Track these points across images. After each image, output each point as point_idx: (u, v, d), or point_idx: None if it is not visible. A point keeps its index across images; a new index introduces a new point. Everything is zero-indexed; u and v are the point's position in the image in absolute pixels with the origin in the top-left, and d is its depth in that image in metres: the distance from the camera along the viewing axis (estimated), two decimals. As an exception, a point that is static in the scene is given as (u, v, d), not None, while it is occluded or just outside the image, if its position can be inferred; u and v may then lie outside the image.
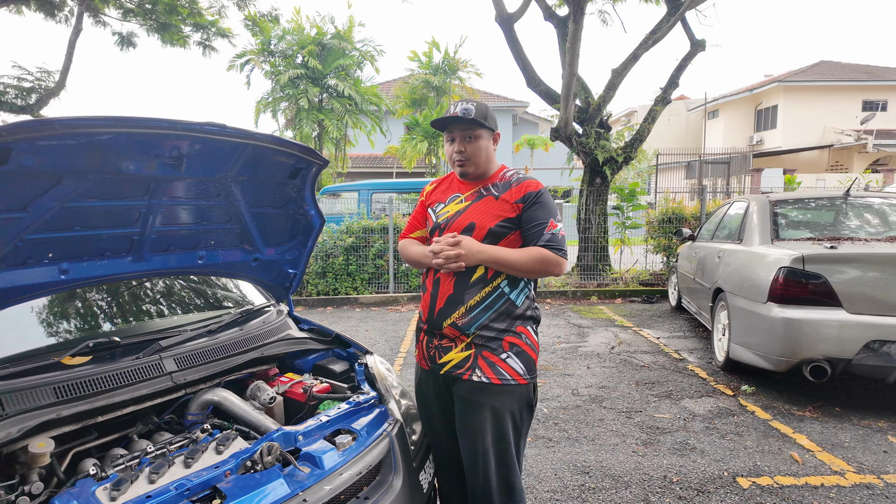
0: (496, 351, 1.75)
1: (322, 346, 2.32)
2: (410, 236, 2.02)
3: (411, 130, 18.34)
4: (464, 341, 1.77)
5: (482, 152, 1.82)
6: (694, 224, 8.31)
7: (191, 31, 12.12)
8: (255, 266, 2.31)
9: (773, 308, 3.64)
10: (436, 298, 1.81)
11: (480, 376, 1.74)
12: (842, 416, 3.52)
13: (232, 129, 1.68)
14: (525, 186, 1.79)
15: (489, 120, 1.82)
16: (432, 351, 1.85)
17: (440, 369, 1.82)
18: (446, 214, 1.86)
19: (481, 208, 1.80)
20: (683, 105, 28.82)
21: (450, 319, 1.77)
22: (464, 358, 1.77)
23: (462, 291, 1.76)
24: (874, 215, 4.34)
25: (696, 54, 8.84)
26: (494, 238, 1.76)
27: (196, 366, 1.89)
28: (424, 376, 1.92)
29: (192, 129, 1.58)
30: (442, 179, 2.01)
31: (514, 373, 1.75)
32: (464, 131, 1.80)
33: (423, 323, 1.89)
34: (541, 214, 1.75)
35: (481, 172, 1.85)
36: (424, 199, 2.00)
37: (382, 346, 5.52)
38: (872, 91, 23.32)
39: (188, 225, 1.99)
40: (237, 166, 1.87)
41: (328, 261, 8.42)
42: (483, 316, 1.75)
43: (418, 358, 1.95)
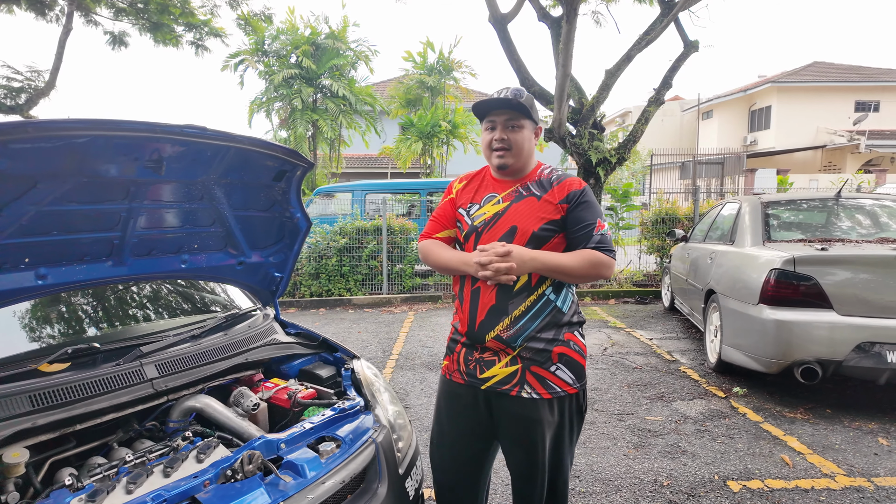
0: (545, 364, 1.65)
1: (308, 350, 2.29)
2: (435, 236, 1.83)
3: (406, 131, 18.31)
4: (509, 354, 1.66)
5: (525, 144, 1.69)
6: (687, 225, 8.32)
7: (183, 31, 12.05)
8: (240, 270, 2.29)
9: (765, 310, 3.63)
10: (475, 310, 1.68)
11: (530, 392, 1.65)
12: (833, 417, 3.52)
13: (213, 132, 1.65)
14: (568, 185, 1.68)
15: (534, 112, 1.71)
16: (472, 365, 1.72)
17: (481, 384, 1.70)
18: (483, 217, 1.72)
19: (523, 210, 1.67)
20: (678, 105, 28.91)
21: (493, 332, 1.65)
22: (510, 374, 1.66)
23: (506, 301, 1.64)
24: (865, 216, 4.34)
25: (689, 55, 8.85)
26: (538, 242, 1.63)
27: (178, 372, 1.86)
28: (458, 390, 1.77)
29: (171, 131, 1.56)
30: (472, 176, 1.84)
31: (563, 384, 1.66)
32: (508, 119, 1.67)
33: (461, 336, 1.75)
34: (588, 215, 1.64)
35: (520, 167, 1.72)
36: (454, 196, 1.83)
37: (374, 348, 5.50)
38: (865, 92, 23.45)
39: (171, 228, 1.96)
40: (220, 169, 1.84)
41: (321, 262, 8.39)
42: (530, 326, 1.64)
43: (449, 370, 1.80)
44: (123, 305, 2.16)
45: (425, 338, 5.88)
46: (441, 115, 17.69)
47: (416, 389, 4.20)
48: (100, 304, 2.08)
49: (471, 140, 18.41)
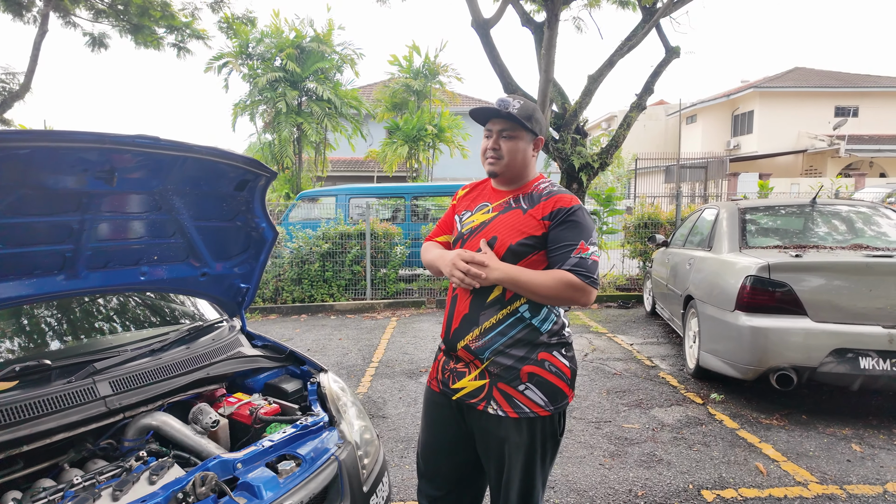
0: (512, 382, 1.60)
1: (274, 363, 2.24)
2: (436, 240, 1.88)
3: (392, 134, 18.24)
4: (478, 367, 1.64)
5: (518, 154, 1.65)
6: (669, 229, 8.36)
7: (164, 33, 11.92)
8: (203, 281, 2.23)
9: (741, 316, 3.64)
10: (452, 316, 1.69)
11: (496, 409, 1.61)
12: (808, 423, 3.53)
13: (166, 142, 1.60)
14: (555, 201, 1.60)
15: (534, 122, 1.65)
16: (447, 374, 1.72)
17: (453, 394, 1.69)
18: (471, 224, 1.73)
19: (506, 222, 1.64)
20: (663, 110, 29.17)
21: (464, 341, 1.64)
22: (478, 387, 1.64)
23: (478, 312, 1.62)
24: (840, 223, 4.39)
25: (670, 61, 8.92)
26: (514, 257, 1.59)
27: (134, 388, 1.80)
28: (436, 398, 1.77)
29: (121, 142, 1.51)
30: (476, 184, 1.86)
31: (532, 405, 1.59)
32: (503, 129, 1.65)
33: (442, 342, 1.77)
34: (570, 234, 1.56)
35: (513, 176, 1.69)
36: (456, 203, 1.86)
37: (355, 355, 5.44)
38: (844, 97, 23.84)
39: (128, 240, 1.90)
40: (177, 179, 1.79)
41: (304, 267, 8.30)
42: (498, 341, 1.60)
43: (430, 377, 1.81)
44: (81, 319, 2.09)
45: (407, 344, 5.83)
46: (427, 118, 17.66)
47: (394, 398, 4.15)
48: (55, 318, 2.02)
49: (457, 144, 18.39)
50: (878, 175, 21.94)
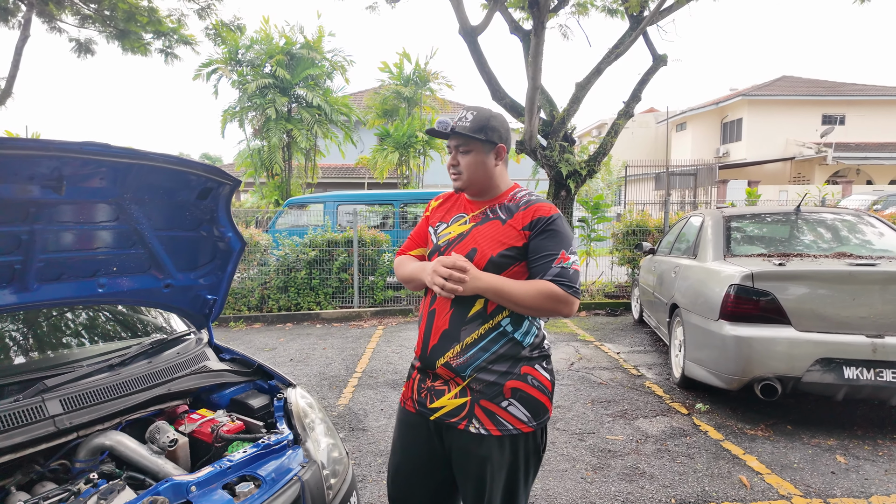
0: (495, 399, 1.54)
1: (241, 378, 2.17)
2: (410, 253, 1.81)
3: (383, 141, 18.21)
4: (459, 384, 1.57)
5: (478, 167, 1.61)
6: (657, 236, 8.35)
7: (152, 39, 11.83)
8: (167, 293, 2.15)
9: (725, 325, 3.60)
10: (430, 333, 1.62)
11: (478, 427, 1.54)
12: (793, 434, 3.49)
13: (118, 149, 1.53)
14: (534, 210, 1.57)
15: (489, 131, 1.59)
16: (423, 393, 1.64)
17: (430, 414, 1.61)
18: (448, 236, 1.67)
19: (485, 233, 1.60)
20: (653, 118, 29.37)
21: (443, 359, 1.57)
22: (459, 405, 1.56)
23: (458, 328, 1.56)
24: (825, 230, 4.37)
25: (657, 69, 8.94)
26: (496, 269, 1.55)
27: (87, 406, 1.72)
28: (410, 419, 1.69)
29: (67, 149, 1.44)
30: (449, 195, 1.81)
31: (516, 421, 1.54)
32: (457, 144, 1.62)
33: (416, 360, 1.69)
34: (550, 244, 1.53)
35: (481, 189, 1.65)
36: (429, 214, 1.80)
37: (338, 365, 5.35)
38: (831, 105, 24.11)
39: (83, 251, 1.83)
40: (134, 188, 1.72)
41: (290, 275, 8.21)
42: (481, 356, 1.54)
43: (404, 397, 1.72)
44: (33, 334, 2.01)
45: (391, 354, 5.75)
46: (417, 125, 17.65)
47: (375, 410, 4.07)
48: (4, 333, 1.93)
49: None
50: (865, 182, 22.16)
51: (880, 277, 3.37)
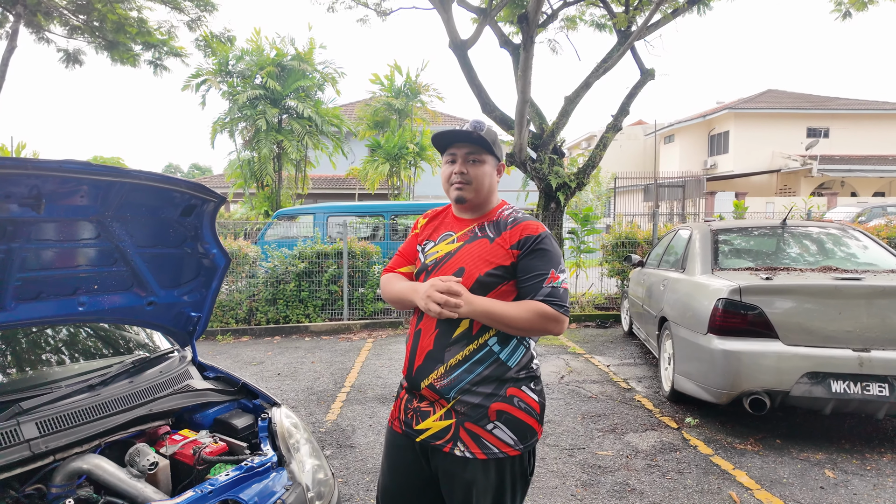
0: (480, 421, 1.51)
1: (225, 397, 2.13)
2: (397, 271, 1.76)
3: (373, 152, 18.23)
4: (444, 406, 1.54)
5: (486, 179, 1.60)
6: (646, 249, 8.39)
7: (141, 50, 11.81)
8: (150, 310, 2.12)
9: (713, 340, 3.61)
10: (415, 353, 1.59)
11: (463, 451, 1.51)
12: (782, 448, 3.49)
13: (98, 167, 1.51)
14: (522, 229, 1.55)
15: (497, 147, 1.62)
16: (410, 413, 1.61)
17: (416, 436, 1.58)
18: (435, 255, 1.64)
19: (472, 252, 1.57)
20: (641, 130, 29.69)
21: (427, 380, 1.55)
22: (444, 428, 1.54)
23: (443, 349, 1.53)
24: (810, 244, 4.41)
25: (645, 83, 9.05)
26: (483, 289, 1.52)
27: (65, 429, 1.68)
28: (398, 440, 1.66)
29: (46, 167, 1.41)
30: (437, 212, 1.78)
31: (501, 444, 1.51)
32: (469, 152, 1.59)
33: (404, 379, 1.66)
34: (540, 264, 1.52)
35: (480, 203, 1.63)
36: (418, 232, 1.77)
37: (326, 379, 5.29)
38: (816, 119, 24.51)
39: (63, 269, 1.79)
40: (114, 205, 1.69)
41: (279, 287, 8.14)
42: (465, 378, 1.51)
43: (392, 417, 1.70)
44: (10, 354, 1.96)
45: (381, 367, 5.70)
46: (408, 136, 17.70)
47: (364, 426, 4.02)
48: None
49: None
50: (850, 194, 22.50)
51: (865, 291, 3.39)
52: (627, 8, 8.97)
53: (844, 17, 9.88)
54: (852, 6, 9.54)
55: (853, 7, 9.56)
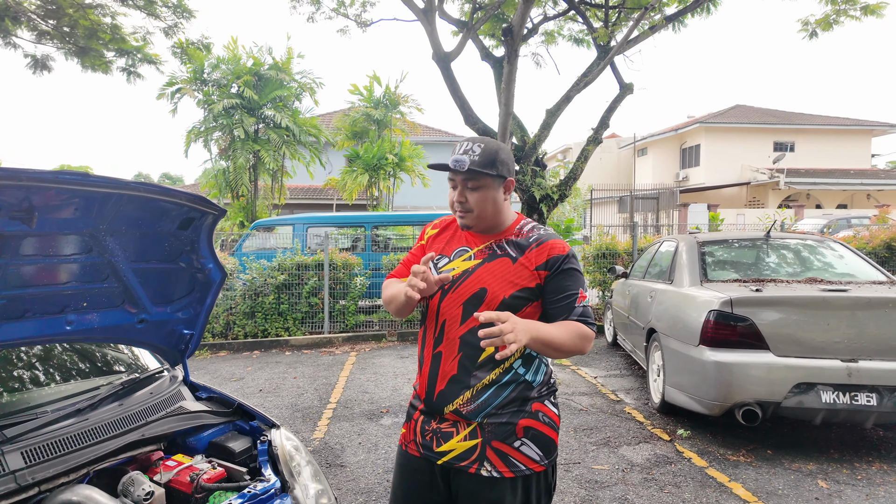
0: (508, 439, 1.48)
1: (220, 419, 2.03)
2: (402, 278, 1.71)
3: (352, 163, 18.10)
4: (469, 426, 1.50)
5: (488, 204, 1.52)
6: (627, 260, 8.48)
7: (114, 57, 11.51)
8: (141, 328, 2.01)
9: (706, 351, 3.63)
10: (435, 377, 1.53)
11: (490, 470, 1.47)
12: (774, 459, 3.52)
13: (97, 178, 1.42)
14: (548, 249, 1.50)
15: (499, 165, 1.50)
16: (428, 436, 1.55)
17: (438, 458, 1.52)
18: (452, 273, 1.55)
19: (494, 271, 1.51)
20: (615, 143, 30.25)
21: (452, 406, 1.49)
22: (469, 448, 1.49)
23: (468, 373, 1.48)
24: (793, 256, 4.50)
25: (624, 97, 9.20)
26: (508, 310, 1.44)
27: (53, 458, 1.57)
28: (414, 464, 1.59)
29: (41, 178, 1.32)
30: (447, 224, 1.69)
31: (528, 461, 1.48)
32: (466, 178, 1.51)
33: (420, 401, 1.60)
34: (570, 284, 1.49)
35: (489, 225, 1.57)
36: (425, 243, 1.70)
37: (311, 395, 5.16)
38: (782, 133, 25.36)
39: (51, 286, 1.68)
40: (110, 218, 1.60)
41: (258, 300, 7.95)
42: (493, 401, 1.48)
43: (405, 440, 1.63)
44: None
45: (367, 382, 5.59)
46: (388, 147, 17.64)
47: (353, 444, 3.91)
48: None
49: (417, 173, 18.42)
50: (815, 206, 23.26)
51: (852, 303, 3.46)
52: (607, 23, 9.13)
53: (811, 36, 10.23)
54: (818, 26, 9.89)
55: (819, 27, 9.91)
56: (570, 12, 9.67)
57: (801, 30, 10.04)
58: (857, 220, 15.60)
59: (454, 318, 1.53)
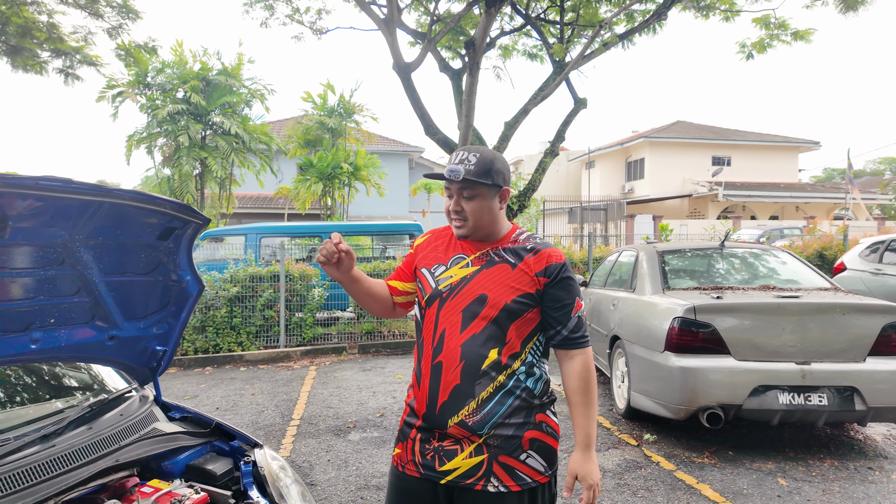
0: (514, 452, 1.46)
1: (197, 440, 1.91)
2: (388, 283, 1.72)
3: (305, 171, 17.75)
4: (474, 442, 1.46)
5: (483, 213, 1.53)
6: (583, 268, 8.71)
7: (49, 57, 10.86)
8: (111, 346, 1.87)
9: (671, 357, 3.75)
10: (437, 389, 1.48)
11: (497, 486, 1.45)
12: (735, 460, 3.66)
13: (80, 185, 1.32)
14: (546, 257, 1.52)
15: (494, 174, 1.52)
16: (429, 455, 1.50)
17: (441, 478, 1.48)
18: (449, 280, 1.55)
19: (494, 277, 1.52)
20: (564, 156, 31.11)
21: (457, 417, 1.46)
22: (475, 465, 1.46)
23: (472, 382, 1.46)
24: (746, 264, 4.74)
25: (578, 111, 9.50)
26: (511, 316, 1.48)
27: (18, 491, 1.43)
28: (413, 486, 1.54)
29: (19, 185, 1.21)
30: (439, 233, 1.70)
31: (534, 473, 1.48)
32: (461, 188, 1.52)
33: (417, 418, 1.55)
34: (566, 294, 1.52)
35: (485, 234, 1.57)
36: (414, 252, 1.70)
37: (272, 412, 4.97)
38: (719, 148, 26.86)
39: (16, 302, 1.54)
40: (88, 228, 1.48)
41: (208, 313, 7.62)
42: (499, 410, 1.46)
43: (401, 460, 1.57)
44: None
45: (330, 397, 5.45)
46: (342, 156, 17.42)
47: (322, 461, 3.79)
48: None
49: (373, 183, 18.27)
50: (750, 217, 24.69)
51: (805, 308, 3.67)
52: (562, 39, 9.43)
53: (748, 58, 10.92)
54: (754, 49, 10.56)
55: (755, 50, 10.59)
56: (526, 27, 9.91)
57: (739, 51, 10.68)
58: (789, 230, 16.69)
59: (454, 326, 1.51)
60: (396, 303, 1.70)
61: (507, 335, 1.49)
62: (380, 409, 4.98)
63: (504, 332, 1.49)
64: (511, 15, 10.25)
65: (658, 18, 8.94)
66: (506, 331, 1.49)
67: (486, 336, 1.48)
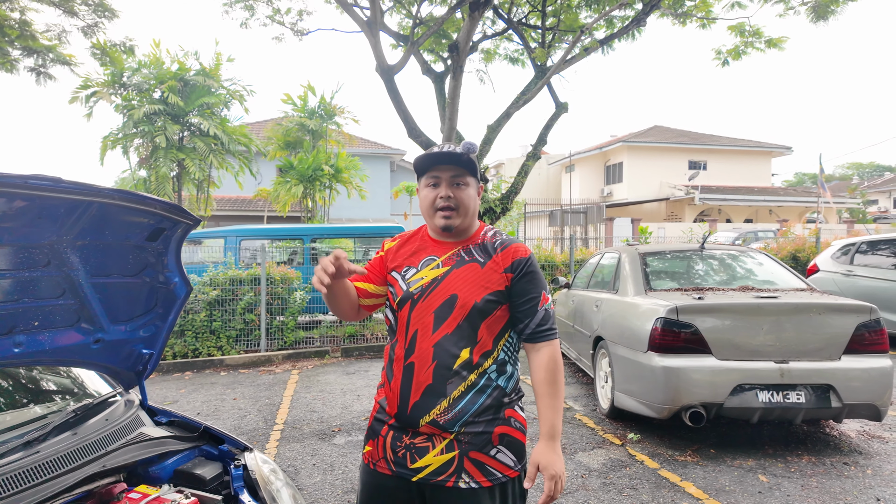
0: (484, 448, 1.48)
1: (185, 444, 1.88)
2: (355, 284, 1.66)
3: (285, 173, 17.57)
4: (445, 439, 1.48)
5: (472, 203, 1.56)
6: (564, 270, 8.79)
7: (21, 55, 10.58)
8: (96, 349, 1.83)
9: (654, 357, 3.80)
10: (408, 389, 1.50)
11: (469, 482, 1.47)
12: (717, 458, 3.73)
13: (70, 185, 1.29)
14: (513, 252, 1.55)
15: (478, 169, 1.61)
16: (401, 451, 1.52)
17: (413, 475, 1.50)
18: (420, 282, 1.55)
19: (464, 277, 1.53)
20: (544, 160, 31.39)
21: (429, 416, 1.47)
22: (446, 461, 1.48)
23: (444, 381, 1.47)
24: (725, 266, 4.84)
25: (560, 115, 9.59)
26: (481, 314, 1.49)
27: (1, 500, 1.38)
28: (385, 483, 1.55)
29: (7, 183, 1.18)
30: (409, 236, 1.69)
31: (504, 468, 1.50)
32: (454, 175, 1.53)
33: (389, 417, 1.56)
34: (532, 287, 1.54)
35: (465, 227, 1.59)
36: (384, 255, 1.68)
37: (255, 417, 4.90)
38: (696, 153, 27.37)
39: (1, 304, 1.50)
40: (76, 228, 1.45)
41: (188, 317, 7.49)
42: (470, 409, 1.48)
43: (373, 458, 1.58)
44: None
45: (313, 401, 5.39)
46: (323, 158, 17.29)
47: (307, 465, 3.75)
48: None
49: (354, 185, 18.18)
50: (725, 220, 25.20)
51: (783, 308, 3.76)
52: (544, 44, 9.52)
53: (723, 64, 11.17)
54: (730, 55, 10.81)
55: (730, 56, 10.83)
56: (508, 31, 9.99)
57: (715, 58, 10.90)
58: (763, 233, 17.11)
59: (426, 327, 1.52)
60: (362, 305, 1.67)
61: (478, 334, 1.51)
62: (364, 412, 4.95)
63: (475, 330, 1.51)
64: (493, 19, 10.33)
65: (637, 25, 9.09)
66: (477, 329, 1.51)
67: (458, 336, 1.49)
